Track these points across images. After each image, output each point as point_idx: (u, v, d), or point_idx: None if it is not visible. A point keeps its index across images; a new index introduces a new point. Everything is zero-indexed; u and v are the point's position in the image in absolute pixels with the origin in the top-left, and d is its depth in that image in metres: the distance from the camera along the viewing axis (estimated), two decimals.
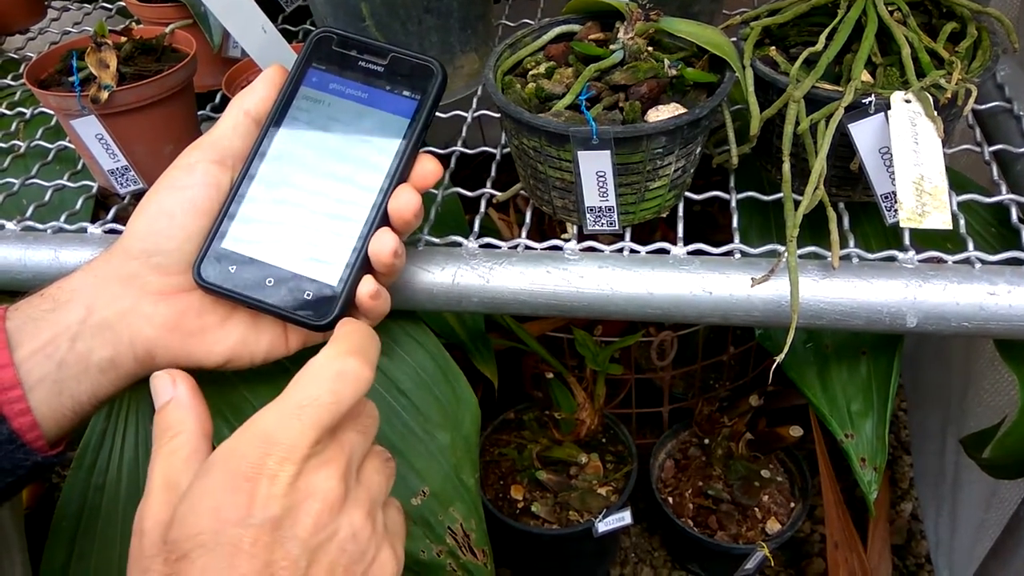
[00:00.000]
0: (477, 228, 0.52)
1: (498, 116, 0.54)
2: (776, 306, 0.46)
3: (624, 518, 1.00)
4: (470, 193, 0.57)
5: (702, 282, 0.47)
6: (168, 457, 0.36)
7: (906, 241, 0.48)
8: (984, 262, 0.46)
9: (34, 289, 0.43)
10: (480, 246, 0.51)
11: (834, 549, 0.95)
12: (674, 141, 0.46)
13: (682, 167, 0.49)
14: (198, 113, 0.63)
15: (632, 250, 0.50)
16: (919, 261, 0.47)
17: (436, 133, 0.57)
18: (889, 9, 0.50)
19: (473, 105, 0.64)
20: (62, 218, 0.57)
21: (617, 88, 0.48)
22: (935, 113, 0.45)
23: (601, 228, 0.50)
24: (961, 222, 0.49)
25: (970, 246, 0.47)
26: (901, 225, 0.44)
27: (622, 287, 0.48)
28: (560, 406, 1.06)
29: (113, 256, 0.42)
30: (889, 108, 0.45)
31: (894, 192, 0.46)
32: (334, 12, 0.59)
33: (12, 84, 0.76)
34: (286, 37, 0.56)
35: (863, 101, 0.46)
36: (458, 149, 0.61)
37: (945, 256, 0.47)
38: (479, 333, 0.71)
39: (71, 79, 0.55)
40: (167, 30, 0.62)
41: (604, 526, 0.99)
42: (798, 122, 0.47)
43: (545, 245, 0.50)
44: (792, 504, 1.06)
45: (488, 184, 0.57)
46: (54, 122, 0.69)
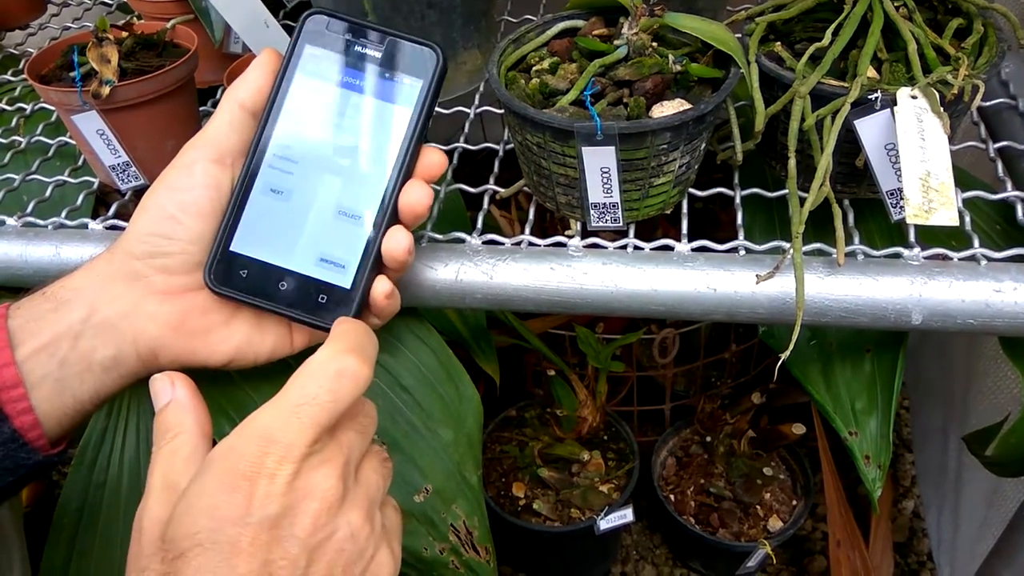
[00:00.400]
0: (480, 225, 0.52)
1: (501, 112, 0.54)
2: (781, 303, 0.46)
3: (626, 516, 1.00)
4: (473, 190, 0.56)
5: (706, 279, 0.47)
6: (168, 457, 0.36)
7: (911, 238, 0.48)
8: (990, 259, 0.46)
9: (36, 287, 0.43)
10: (483, 243, 0.51)
11: (836, 547, 0.95)
12: (679, 137, 0.46)
13: (686, 163, 0.49)
14: (200, 109, 0.62)
15: (636, 247, 0.49)
16: (924, 258, 0.47)
17: (438, 129, 0.57)
18: (895, 5, 0.50)
19: (476, 101, 0.64)
20: (63, 214, 0.56)
21: (621, 84, 0.48)
22: (941, 109, 0.45)
23: (605, 225, 0.50)
24: (966, 219, 0.49)
25: (975, 243, 0.47)
26: (907, 221, 0.44)
27: (626, 284, 0.48)
28: (562, 403, 1.06)
29: (115, 256, 0.42)
30: (895, 104, 0.45)
31: (900, 189, 0.46)
32: (336, 7, 0.59)
33: (12, 80, 0.75)
34: (288, 32, 0.56)
35: (869, 97, 0.46)
36: (460, 145, 0.61)
37: (950, 253, 0.47)
38: (481, 330, 0.71)
39: (72, 74, 0.55)
40: (168, 25, 0.61)
41: (606, 524, 0.99)
42: (803, 118, 0.47)
43: (549, 242, 0.50)
44: (794, 502, 1.06)
45: (491, 181, 0.56)
46: (55, 118, 0.68)
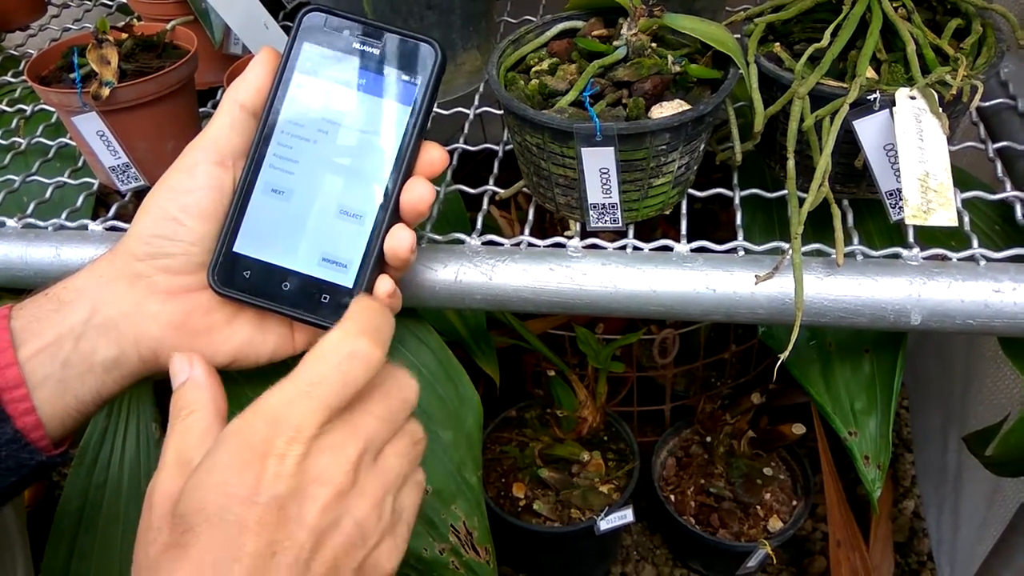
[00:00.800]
0: (480, 225, 0.52)
1: (500, 113, 0.54)
2: (780, 303, 0.46)
3: (626, 516, 1.00)
4: (472, 190, 0.56)
5: (706, 279, 0.47)
6: (182, 433, 0.37)
7: (910, 238, 0.48)
8: (989, 259, 0.46)
9: (38, 288, 0.43)
10: (483, 243, 0.51)
11: (836, 547, 0.95)
12: (678, 138, 0.46)
13: (686, 164, 0.49)
14: (199, 110, 0.62)
15: (635, 247, 0.49)
16: (923, 258, 0.47)
17: (438, 130, 0.56)
18: (894, 5, 0.50)
19: (475, 102, 0.64)
20: (63, 215, 0.56)
21: (621, 84, 0.48)
22: (940, 110, 0.45)
23: (604, 225, 0.50)
24: (965, 219, 0.49)
25: (975, 243, 0.47)
26: (906, 222, 0.44)
27: (625, 284, 0.48)
28: (562, 404, 1.06)
29: (117, 257, 0.42)
30: (894, 105, 0.45)
31: (899, 189, 0.46)
32: (335, 7, 0.59)
33: (12, 81, 0.75)
34: (287, 33, 0.56)
35: (868, 98, 0.46)
36: (460, 146, 0.61)
37: (949, 253, 0.47)
38: (481, 331, 0.71)
39: (72, 76, 0.55)
40: (168, 27, 0.61)
41: (606, 524, 0.99)
42: (802, 119, 0.47)
43: (548, 242, 0.50)
44: (794, 502, 1.06)
45: (490, 181, 0.57)
46: (55, 119, 0.68)
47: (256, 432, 0.34)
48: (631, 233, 0.50)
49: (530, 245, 0.50)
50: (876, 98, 0.46)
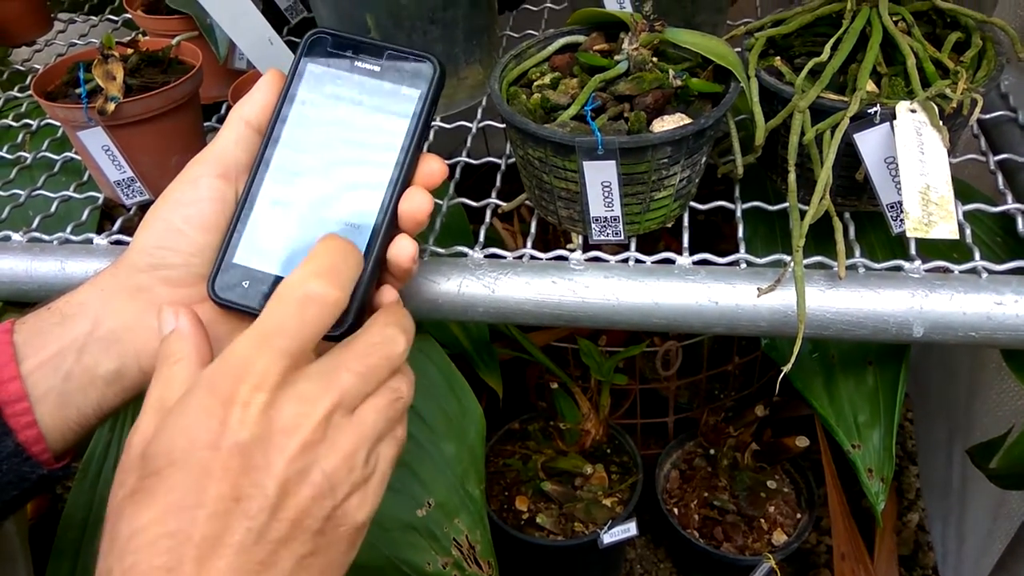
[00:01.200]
0: (482, 238, 0.52)
1: (503, 126, 0.54)
2: (782, 316, 0.46)
3: (629, 529, 1.00)
4: (475, 203, 0.57)
5: (708, 292, 0.47)
6: (165, 382, 0.37)
7: (912, 251, 0.48)
8: (991, 271, 0.46)
9: (41, 302, 0.43)
10: (485, 256, 0.51)
11: (841, 560, 0.94)
12: (679, 151, 0.46)
13: (687, 177, 0.49)
14: (204, 124, 0.63)
15: (637, 260, 0.50)
16: (925, 271, 0.47)
17: (440, 143, 0.57)
18: (894, 19, 0.50)
19: (478, 116, 0.65)
20: (68, 229, 0.57)
21: (622, 98, 0.48)
22: (940, 123, 0.45)
23: (606, 238, 0.50)
24: (967, 231, 0.49)
25: (976, 255, 0.47)
26: (907, 235, 0.44)
27: (627, 297, 0.48)
28: (565, 416, 1.06)
29: (119, 270, 0.42)
30: (894, 118, 0.45)
31: (900, 202, 0.46)
32: (339, 23, 0.60)
33: (19, 96, 0.76)
34: (291, 49, 0.57)
35: (868, 111, 0.46)
36: (463, 159, 0.61)
37: (951, 266, 0.47)
38: (484, 343, 0.71)
39: (78, 91, 0.55)
40: (173, 42, 0.62)
41: (609, 537, 0.99)
42: (803, 132, 0.47)
43: (550, 255, 0.50)
44: (798, 515, 1.06)
45: (493, 194, 0.57)
46: (60, 133, 0.69)
47: (222, 380, 0.34)
48: (633, 246, 0.50)
49: (532, 258, 0.51)
50: (877, 111, 0.46)
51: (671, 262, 0.49)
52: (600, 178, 0.46)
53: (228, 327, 0.44)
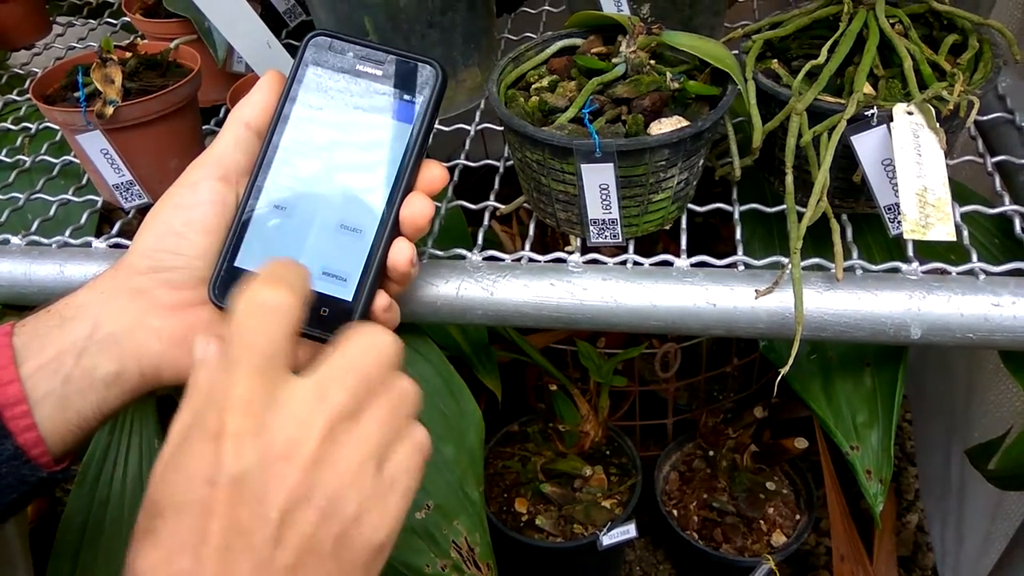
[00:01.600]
0: (481, 241, 0.52)
1: (501, 129, 0.54)
2: (780, 318, 0.46)
3: (629, 531, 1.00)
4: (473, 206, 0.57)
5: (706, 294, 0.47)
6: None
7: (910, 252, 0.48)
8: (988, 273, 0.46)
9: (41, 305, 0.43)
10: (484, 259, 0.51)
11: (840, 562, 0.94)
12: (677, 154, 0.46)
13: (685, 179, 0.49)
14: (203, 127, 0.63)
15: (635, 262, 0.50)
16: (923, 272, 0.47)
17: (439, 146, 0.57)
18: (891, 22, 0.50)
19: (476, 118, 0.65)
20: (67, 232, 0.57)
21: (620, 101, 0.48)
22: (937, 125, 0.46)
23: (604, 241, 0.50)
24: (964, 233, 0.49)
25: (974, 257, 0.47)
26: (905, 237, 0.44)
27: (626, 299, 0.48)
28: (564, 418, 1.06)
29: (119, 273, 0.42)
30: (891, 120, 0.46)
31: (897, 204, 0.46)
32: (338, 26, 0.60)
33: (18, 99, 0.76)
34: (290, 52, 0.57)
35: (865, 113, 0.46)
36: (461, 162, 0.61)
37: (949, 267, 0.47)
38: (482, 345, 0.71)
39: (76, 94, 0.55)
40: (172, 45, 0.62)
41: (609, 539, 0.99)
42: (800, 134, 0.48)
43: (549, 258, 0.50)
44: (797, 516, 1.06)
45: (491, 197, 0.57)
46: (59, 137, 0.69)
47: (209, 415, 0.34)
48: (631, 248, 0.50)
49: (531, 260, 0.51)
50: (873, 114, 0.46)
51: (669, 264, 0.49)
52: (598, 181, 0.46)
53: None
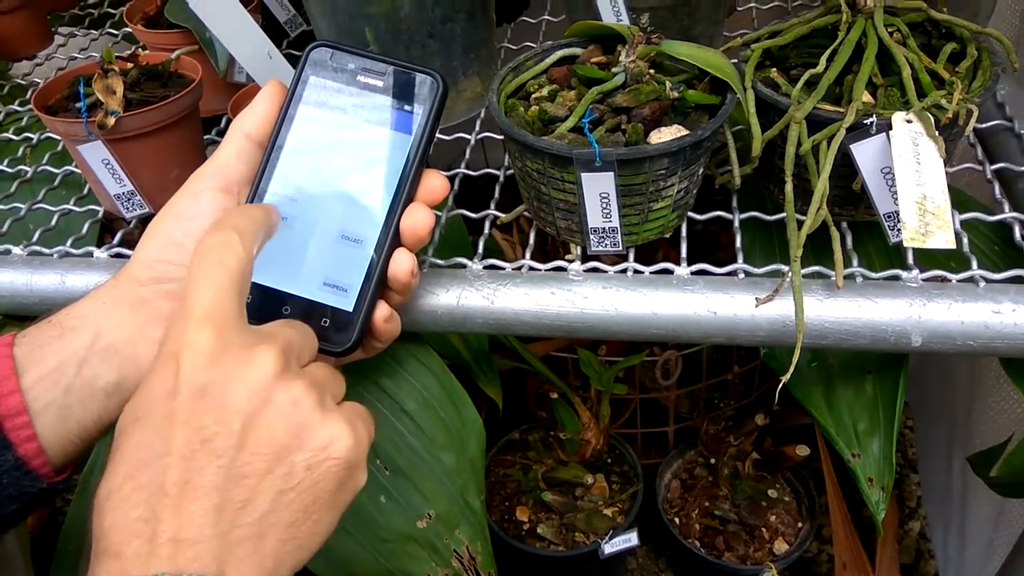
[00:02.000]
0: (481, 249, 0.52)
1: (501, 138, 0.55)
2: (781, 326, 0.46)
3: (630, 539, 1.00)
4: (474, 215, 0.57)
5: (706, 302, 0.47)
6: None
7: (910, 260, 0.48)
8: (988, 280, 0.46)
9: (42, 315, 0.43)
10: (484, 267, 0.51)
11: (842, 569, 0.94)
12: (677, 162, 0.46)
13: (685, 188, 0.49)
14: (204, 138, 0.63)
15: (636, 270, 0.50)
16: (923, 280, 0.47)
17: (439, 155, 0.57)
18: (889, 30, 0.50)
19: (476, 127, 0.65)
20: (68, 243, 0.57)
21: (619, 110, 0.49)
22: (936, 133, 0.46)
23: (605, 249, 0.50)
24: (964, 241, 0.49)
25: (974, 264, 0.47)
26: (904, 245, 0.44)
27: (626, 307, 0.48)
28: (565, 426, 1.05)
29: (120, 283, 0.43)
30: (890, 128, 0.46)
31: (897, 212, 0.46)
32: (338, 37, 0.60)
33: (19, 110, 0.76)
34: (291, 62, 0.57)
35: (864, 122, 0.46)
36: (461, 171, 0.61)
37: (949, 275, 0.47)
38: (483, 354, 0.71)
39: (78, 105, 0.55)
40: (173, 56, 0.62)
41: (610, 547, 0.99)
42: (800, 143, 0.48)
43: (549, 266, 0.51)
44: (799, 524, 1.06)
45: (492, 205, 0.57)
46: (61, 147, 0.69)
47: (171, 337, 0.34)
48: (632, 256, 0.50)
49: (531, 269, 0.51)
50: (872, 122, 0.46)
51: (669, 272, 0.49)
52: (598, 189, 0.46)
53: None
